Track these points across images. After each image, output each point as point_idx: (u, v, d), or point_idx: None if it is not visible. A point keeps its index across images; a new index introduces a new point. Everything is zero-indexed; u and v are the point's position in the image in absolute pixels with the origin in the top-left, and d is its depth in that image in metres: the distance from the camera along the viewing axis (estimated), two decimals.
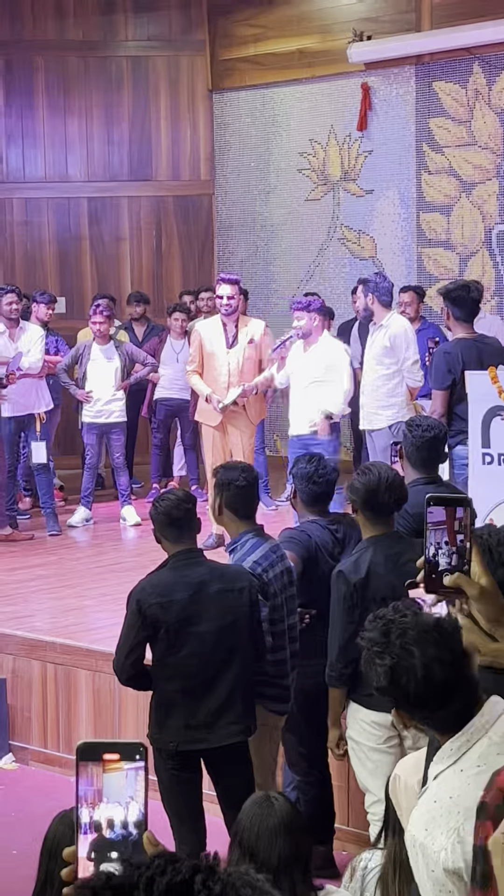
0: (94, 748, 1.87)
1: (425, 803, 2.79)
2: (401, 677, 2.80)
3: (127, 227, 14.67)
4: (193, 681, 5.34)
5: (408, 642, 2.82)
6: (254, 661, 5.50)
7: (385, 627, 2.88)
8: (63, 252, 14.58)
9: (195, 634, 5.32)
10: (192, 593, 5.33)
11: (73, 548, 10.73)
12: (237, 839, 3.53)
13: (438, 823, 2.72)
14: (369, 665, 2.87)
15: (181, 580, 5.35)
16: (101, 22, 14.44)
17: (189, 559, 5.43)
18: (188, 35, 14.50)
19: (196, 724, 5.34)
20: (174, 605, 5.29)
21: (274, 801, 3.60)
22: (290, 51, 13.86)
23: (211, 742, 5.35)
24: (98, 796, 1.85)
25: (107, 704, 7.49)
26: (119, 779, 1.85)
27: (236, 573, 5.53)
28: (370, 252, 13.49)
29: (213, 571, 5.46)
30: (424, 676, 2.79)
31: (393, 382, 9.38)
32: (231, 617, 5.38)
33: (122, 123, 14.57)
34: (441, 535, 2.63)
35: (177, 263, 14.77)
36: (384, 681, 2.83)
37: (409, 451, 6.27)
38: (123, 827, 1.84)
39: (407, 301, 11.26)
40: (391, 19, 13.07)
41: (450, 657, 2.78)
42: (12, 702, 7.93)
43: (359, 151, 13.49)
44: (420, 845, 2.75)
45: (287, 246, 14.14)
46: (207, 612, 5.34)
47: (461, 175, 12.75)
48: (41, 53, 14.42)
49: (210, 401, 9.81)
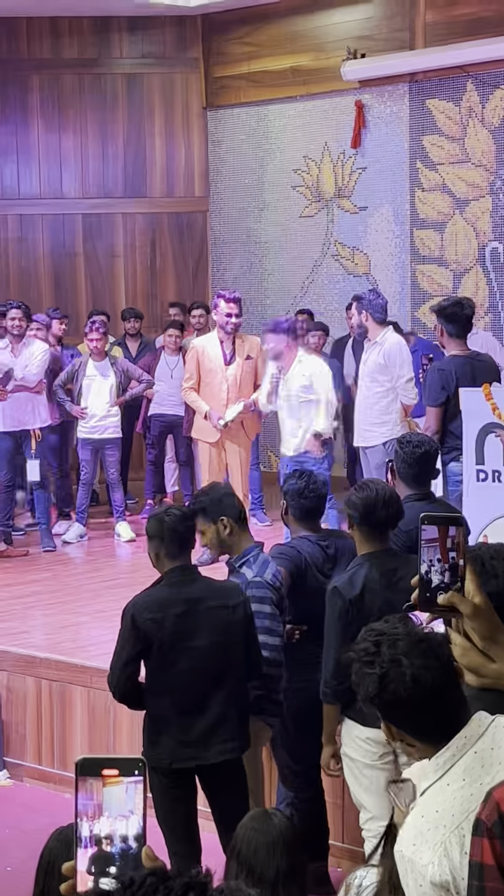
0: (94, 763, 1.88)
1: (413, 819, 2.81)
2: (389, 685, 2.84)
3: (121, 244, 14.69)
4: (187, 697, 5.35)
5: (397, 652, 2.86)
6: (247, 677, 5.51)
7: (376, 639, 2.92)
8: (57, 268, 14.61)
9: (189, 650, 5.33)
10: (187, 610, 5.34)
11: (67, 564, 10.74)
12: (235, 853, 3.54)
13: (426, 838, 2.74)
14: (359, 675, 2.90)
15: (176, 596, 5.36)
16: (96, 40, 14.49)
17: (184, 576, 5.44)
18: (183, 53, 14.55)
19: (190, 741, 5.34)
20: (168, 622, 5.30)
21: (273, 816, 3.61)
22: (284, 68, 13.91)
23: (205, 759, 5.35)
24: (98, 810, 1.86)
25: (101, 721, 7.49)
26: (119, 792, 1.86)
27: (230, 589, 5.54)
28: (364, 269, 13.52)
29: (207, 588, 5.47)
30: (413, 684, 2.82)
31: (387, 400, 9.39)
32: (225, 633, 5.39)
33: (117, 140, 14.61)
34: (434, 553, 2.65)
35: (171, 280, 14.79)
36: (373, 690, 2.86)
37: (400, 468, 6.29)
38: (123, 841, 1.86)
39: None
40: (385, 37, 13.12)
41: (438, 665, 2.82)
42: (7, 718, 7.93)
43: (353, 168, 13.52)
44: (408, 860, 2.77)
45: (281, 262, 14.17)
46: (201, 629, 5.35)
47: (455, 192, 12.79)
48: (36, 71, 14.46)
49: (210, 418, 9.81)
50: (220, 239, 14.67)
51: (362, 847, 5.60)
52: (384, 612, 4.56)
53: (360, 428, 9.53)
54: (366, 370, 9.52)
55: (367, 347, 9.59)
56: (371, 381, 9.46)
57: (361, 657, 2.92)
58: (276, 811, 3.72)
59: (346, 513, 5.72)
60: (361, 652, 2.93)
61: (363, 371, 9.57)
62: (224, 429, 9.77)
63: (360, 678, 2.92)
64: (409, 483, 6.24)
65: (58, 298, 14.25)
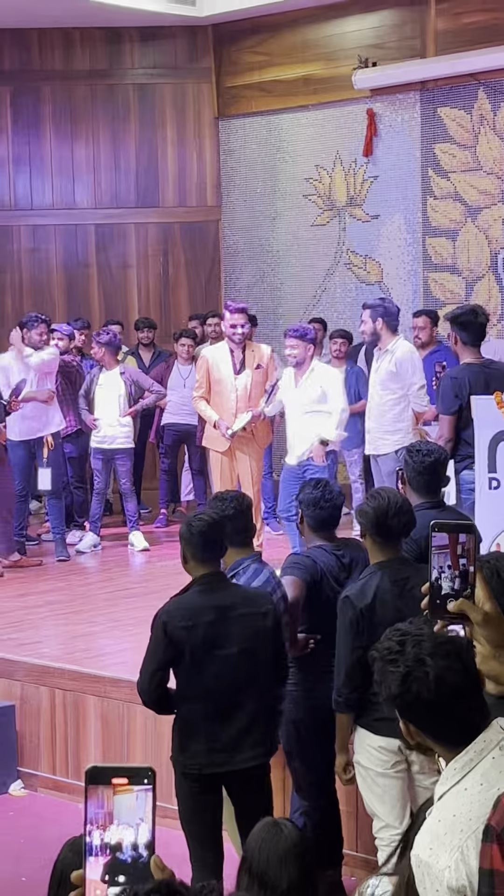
0: (103, 772, 1.89)
1: (430, 823, 2.81)
2: (412, 685, 2.83)
3: (134, 254, 14.72)
4: (217, 704, 5.37)
5: (422, 652, 2.85)
6: (275, 683, 5.52)
7: (401, 638, 2.91)
8: (70, 279, 14.64)
9: (219, 657, 5.35)
10: (217, 617, 5.36)
11: (81, 574, 10.75)
12: (246, 864, 3.54)
13: (442, 842, 2.73)
14: (382, 673, 2.90)
15: (207, 604, 5.38)
16: (108, 50, 14.53)
17: (214, 582, 5.45)
18: (194, 63, 14.58)
19: (219, 747, 5.36)
20: (199, 629, 5.33)
21: (283, 827, 3.61)
22: (295, 77, 13.93)
23: (233, 765, 5.37)
24: (109, 818, 1.87)
25: (115, 730, 7.49)
26: (130, 800, 1.87)
27: (260, 596, 5.56)
28: (376, 277, 13.52)
29: (237, 595, 5.49)
30: (436, 684, 2.81)
31: (399, 407, 9.40)
32: (254, 640, 5.41)
33: (129, 151, 14.64)
34: (444, 560, 2.65)
35: (184, 289, 14.81)
36: (395, 689, 2.86)
37: (410, 477, 6.29)
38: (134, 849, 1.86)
39: (420, 325, 11.31)
40: (396, 46, 13.14)
41: (461, 667, 2.81)
42: (21, 728, 7.94)
43: (364, 177, 13.54)
44: (424, 865, 2.76)
45: (293, 271, 14.18)
46: (232, 636, 5.37)
47: (467, 200, 12.79)
48: (48, 82, 14.50)
49: (218, 427, 9.84)
50: (233, 248, 14.68)
51: (376, 856, 5.60)
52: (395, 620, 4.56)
53: (372, 436, 9.53)
54: (377, 378, 9.52)
55: (378, 355, 9.58)
56: (383, 389, 9.46)
57: (385, 655, 2.91)
58: (287, 821, 3.71)
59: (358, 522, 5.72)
60: (385, 650, 2.92)
61: (374, 379, 9.57)
62: (233, 438, 9.78)
63: (383, 676, 2.91)
64: (420, 491, 6.24)
65: (70, 309, 14.28)
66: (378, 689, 2.93)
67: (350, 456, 11.67)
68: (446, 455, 6.66)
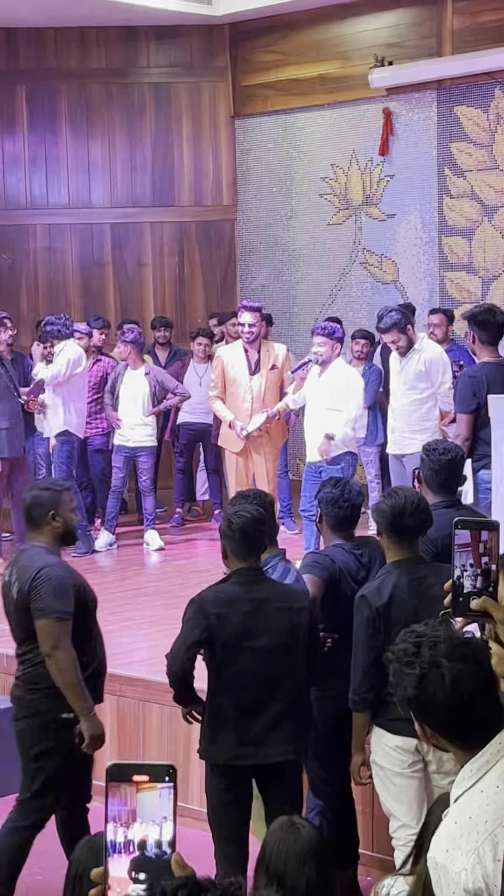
0: (125, 769, 1.88)
1: (446, 826, 2.80)
2: (428, 687, 2.83)
3: (149, 253, 14.72)
4: (246, 697, 5.37)
5: (438, 654, 2.85)
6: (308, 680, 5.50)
7: (417, 640, 2.91)
8: (86, 278, 14.64)
9: (251, 650, 5.34)
10: (252, 609, 5.36)
11: (96, 572, 10.72)
12: (264, 864, 3.53)
13: (458, 844, 2.72)
14: (398, 675, 2.89)
15: (243, 595, 5.38)
16: (124, 49, 14.53)
17: (252, 576, 5.44)
18: (210, 62, 14.57)
19: (247, 741, 5.35)
20: (233, 618, 5.32)
21: (300, 827, 3.59)
22: (311, 76, 13.92)
23: (259, 759, 5.37)
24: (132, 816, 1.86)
25: (130, 730, 7.48)
26: (153, 798, 1.86)
27: (297, 592, 5.56)
28: (392, 276, 13.50)
29: (274, 589, 5.49)
30: (451, 687, 2.80)
31: (426, 407, 9.41)
32: (289, 636, 5.40)
33: (145, 149, 14.64)
34: (467, 558, 2.64)
35: (199, 288, 14.81)
36: (412, 691, 2.85)
37: (427, 476, 6.27)
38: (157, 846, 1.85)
39: (436, 323, 11.29)
40: (413, 44, 13.11)
41: (478, 670, 2.80)
42: None
43: (380, 176, 13.52)
44: (441, 867, 2.75)
45: (309, 270, 14.17)
46: (265, 630, 5.36)
47: (483, 199, 12.76)
48: (64, 81, 14.51)
49: (233, 427, 9.83)
50: (248, 247, 14.67)
51: (392, 856, 5.58)
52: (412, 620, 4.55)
53: (399, 436, 9.50)
54: (404, 378, 9.48)
55: (406, 355, 9.51)
56: (410, 389, 9.44)
57: (401, 657, 2.92)
58: (304, 821, 3.70)
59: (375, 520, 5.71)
60: (401, 652, 2.93)
61: (400, 379, 9.53)
62: (248, 439, 9.78)
63: (399, 678, 2.91)
64: (436, 490, 6.22)
65: (86, 308, 14.29)
66: (394, 690, 2.92)
67: (366, 455, 11.65)
68: (463, 454, 6.64)
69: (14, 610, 5.69)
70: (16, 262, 14.54)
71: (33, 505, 5.69)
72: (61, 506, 5.69)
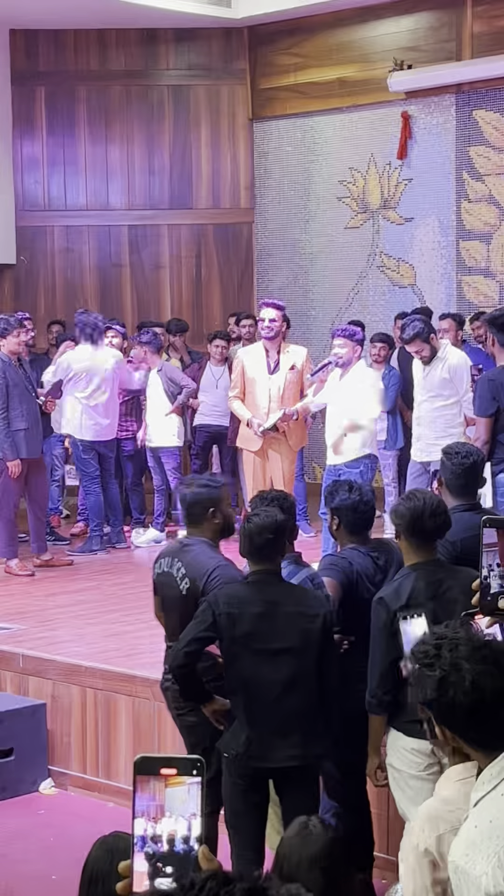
0: (152, 763, 1.89)
1: (466, 829, 2.79)
2: (449, 689, 2.82)
3: (167, 255, 14.74)
4: (256, 698, 5.35)
5: (458, 656, 2.85)
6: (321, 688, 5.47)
7: (437, 642, 2.91)
8: (103, 280, 14.67)
9: (261, 652, 5.33)
10: (265, 611, 5.34)
11: (112, 573, 10.74)
12: (278, 867, 3.53)
13: (479, 848, 2.72)
14: (419, 677, 2.89)
15: (256, 596, 5.37)
16: (143, 52, 14.55)
17: (267, 578, 5.44)
18: (229, 64, 14.58)
19: (257, 742, 5.34)
20: (244, 618, 5.31)
21: (313, 828, 3.58)
22: (330, 80, 13.92)
23: (271, 762, 5.35)
24: (160, 811, 1.86)
25: (146, 730, 7.49)
26: (182, 793, 1.87)
27: (313, 598, 5.53)
28: (410, 280, 13.50)
29: (289, 593, 5.47)
30: (472, 689, 2.80)
31: (451, 413, 9.40)
32: (301, 641, 5.37)
33: (163, 152, 14.66)
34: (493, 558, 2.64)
35: (217, 291, 14.82)
36: (432, 693, 2.85)
37: (448, 479, 6.26)
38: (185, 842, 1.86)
39: (446, 328, 11.29)
40: (432, 48, 13.11)
41: (497, 672, 2.80)
42: (52, 727, 7.94)
43: (399, 179, 13.51)
44: (461, 871, 2.75)
45: (326, 274, 14.17)
46: (276, 632, 5.34)
47: (501, 203, 12.75)
48: (83, 83, 14.54)
49: (251, 425, 9.85)
50: (266, 250, 14.68)
51: None
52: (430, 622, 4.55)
53: (424, 443, 9.48)
54: (428, 385, 9.47)
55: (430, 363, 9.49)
56: (435, 397, 9.44)
57: (421, 660, 2.91)
58: (318, 822, 3.68)
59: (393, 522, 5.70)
60: (421, 654, 2.92)
61: (425, 387, 9.52)
62: (265, 436, 9.78)
63: (419, 680, 2.91)
64: (457, 493, 6.21)
65: (103, 310, 14.27)
66: (413, 692, 2.92)
67: (384, 459, 11.63)
68: (483, 457, 6.64)
69: (180, 604, 5.82)
70: (33, 264, 14.56)
71: (194, 502, 5.91)
72: (221, 502, 5.93)
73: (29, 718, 7.90)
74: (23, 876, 6.54)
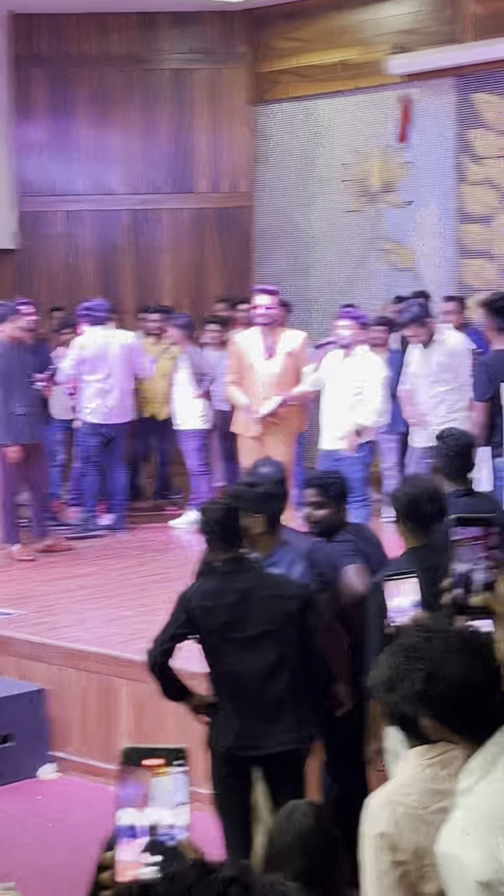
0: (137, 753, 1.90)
1: (454, 818, 2.80)
2: (436, 683, 2.83)
3: (167, 239, 14.72)
4: (241, 687, 5.37)
5: (444, 650, 2.86)
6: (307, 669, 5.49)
7: (424, 635, 2.92)
8: (104, 264, 14.65)
9: (240, 641, 5.35)
10: (238, 599, 5.36)
11: (113, 558, 10.76)
12: (268, 849, 3.56)
13: (470, 836, 2.73)
14: (404, 672, 2.90)
15: (229, 587, 5.38)
16: (143, 36, 14.50)
17: (235, 567, 5.45)
18: (229, 48, 14.54)
19: (246, 732, 5.36)
20: (220, 610, 5.33)
21: (297, 812, 3.60)
22: (331, 63, 13.87)
23: (260, 749, 5.37)
24: (145, 800, 1.87)
25: (148, 715, 7.50)
26: (167, 783, 1.88)
27: (286, 581, 5.55)
28: (410, 263, 13.47)
29: (261, 579, 5.49)
30: (458, 681, 2.81)
31: (454, 397, 9.37)
32: (279, 623, 5.39)
33: (163, 136, 14.63)
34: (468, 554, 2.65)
35: (217, 275, 14.79)
36: (419, 686, 2.86)
37: (443, 463, 6.27)
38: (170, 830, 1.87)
39: (450, 310, 11.26)
40: (432, 31, 13.07)
41: (482, 664, 2.82)
42: (52, 712, 7.96)
43: (399, 163, 13.48)
44: (452, 858, 2.76)
45: (327, 257, 14.14)
46: (253, 619, 5.36)
47: (501, 186, 12.73)
48: (83, 67, 14.50)
49: (247, 410, 9.83)
50: (266, 234, 14.65)
51: None
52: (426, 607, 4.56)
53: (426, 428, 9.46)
54: (427, 370, 9.44)
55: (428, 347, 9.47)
56: (435, 382, 9.41)
57: (408, 653, 2.92)
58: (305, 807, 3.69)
59: None
60: (408, 648, 2.93)
61: (423, 371, 9.49)
62: (262, 421, 9.76)
63: (405, 675, 2.92)
64: (453, 478, 6.22)
65: (104, 294, 14.26)
66: (400, 685, 2.93)
67: (386, 443, 11.59)
68: (474, 439, 6.64)
69: None
70: (33, 249, 14.54)
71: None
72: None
73: (28, 704, 7.92)
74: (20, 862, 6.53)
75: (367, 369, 9.60)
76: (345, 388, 9.53)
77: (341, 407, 9.53)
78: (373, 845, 3.20)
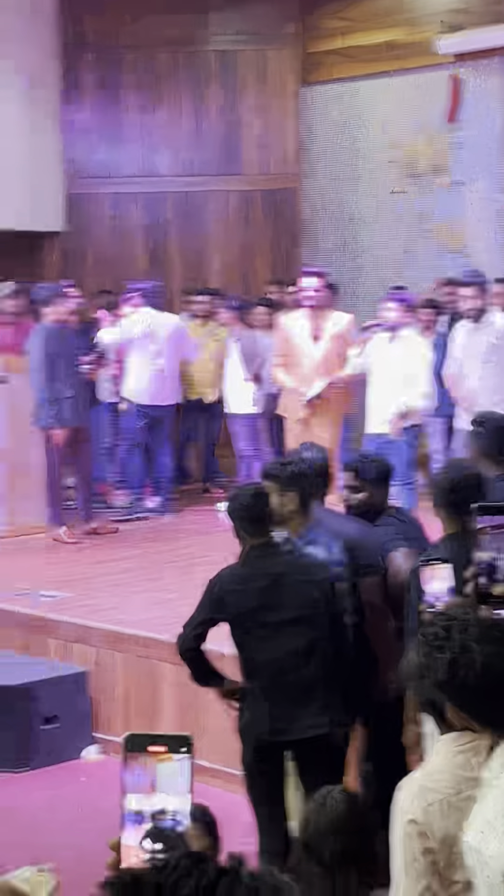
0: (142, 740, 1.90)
1: (480, 808, 2.79)
2: (459, 671, 2.82)
3: (215, 222, 14.71)
4: (273, 672, 5.37)
5: (468, 638, 2.84)
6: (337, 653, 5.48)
7: (447, 623, 2.90)
8: (151, 246, 14.66)
9: (270, 626, 5.36)
10: (268, 584, 5.36)
11: (158, 541, 10.79)
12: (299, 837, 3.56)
13: (493, 827, 2.71)
14: (429, 659, 2.88)
15: (259, 571, 5.39)
16: (191, 18, 14.47)
17: (265, 552, 5.45)
18: (277, 29, 14.49)
19: (276, 717, 5.36)
20: (250, 595, 5.33)
21: (331, 798, 3.60)
22: (378, 43, 13.79)
23: (291, 734, 5.37)
24: (151, 787, 1.88)
25: (190, 698, 7.51)
26: (171, 769, 1.88)
27: (315, 565, 5.54)
28: (459, 244, 13.38)
29: (291, 563, 5.49)
30: (483, 670, 2.79)
31: (500, 378, 9.31)
32: (309, 608, 5.39)
33: (211, 118, 14.61)
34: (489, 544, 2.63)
35: (265, 256, 14.77)
36: (443, 675, 2.85)
37: (483, 446, 6.22)
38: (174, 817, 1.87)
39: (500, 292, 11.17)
40: (481, 10, 12.96)
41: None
42: (95, 694, 8.00)
43: (448, 143, 13.39)
44: (475, 850, 2.74)
45: (375, 239, 14.08)
46: (283, 604, 5.36)
47: None
48: (131, 49, 14.49)
49: (295, 393, 9.81)
50: (314, 215, 14.60)
51: None
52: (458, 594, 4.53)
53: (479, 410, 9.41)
54: (475, 351, 9.39)
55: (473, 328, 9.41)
56: (484, 363, 9.35)
57: (431, 641, 2.91)
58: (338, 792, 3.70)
59: None
60: (431, 636, 2.91)
61: (471, 353, 9.44)
62: (309, 405, 9.74)
63: (430, 662, 2.91)
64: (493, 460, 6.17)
65: (152, 276, 14.27)
66: (425, 674, 2.92)
67: (433, 425, 11.54)
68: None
69: None
70: (81, 231, 14.55)
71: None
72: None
73: (72, 686, 7.97)
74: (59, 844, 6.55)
75: (413, 352, 9.56)
76: (391, 371, 9.49)
77: (387, 390, 9.49)
78: (403, 832, 3.19)
